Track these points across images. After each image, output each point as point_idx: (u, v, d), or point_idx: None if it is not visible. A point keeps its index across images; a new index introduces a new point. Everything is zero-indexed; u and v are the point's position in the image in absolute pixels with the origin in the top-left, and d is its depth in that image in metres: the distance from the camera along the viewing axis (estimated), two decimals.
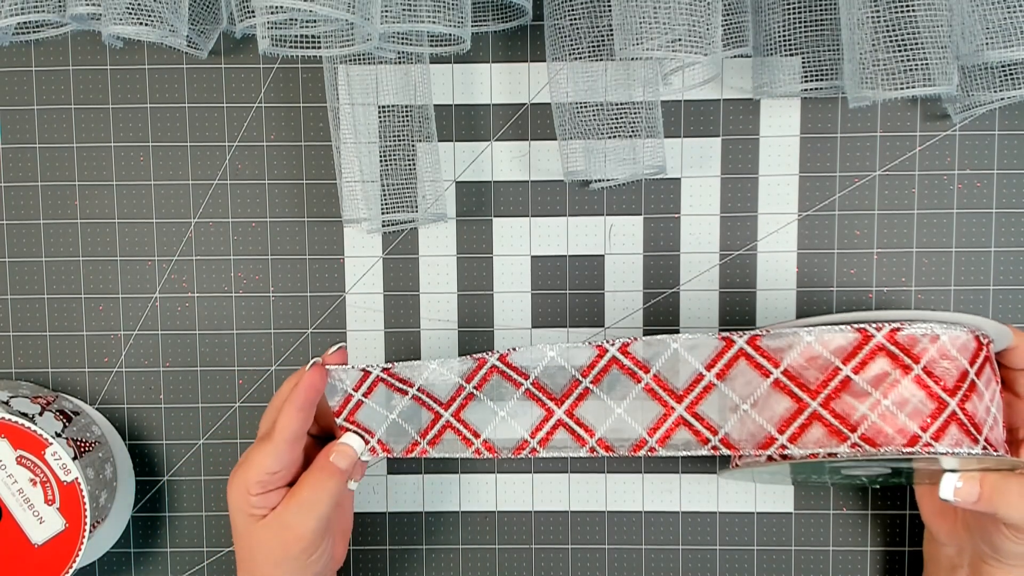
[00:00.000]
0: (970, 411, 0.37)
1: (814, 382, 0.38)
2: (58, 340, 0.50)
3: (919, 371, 0.37)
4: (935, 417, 0.36)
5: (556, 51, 0.46)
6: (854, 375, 0.37)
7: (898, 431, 0.36)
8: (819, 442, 0.37)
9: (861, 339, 0.37)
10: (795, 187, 0.49)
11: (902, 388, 0.36)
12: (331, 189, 0.50)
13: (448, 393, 0.43)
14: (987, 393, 0.38)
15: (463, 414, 0.43)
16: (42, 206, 0.50)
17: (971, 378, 0.37)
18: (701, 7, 0.40)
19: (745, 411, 0.39)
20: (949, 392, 0.37)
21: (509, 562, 0.51)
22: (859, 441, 0.37)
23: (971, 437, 0.36)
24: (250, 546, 0.41)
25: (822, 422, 0.37)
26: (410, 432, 0.44)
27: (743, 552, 0.50)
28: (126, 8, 0.41)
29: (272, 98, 0.49)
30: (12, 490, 0.44)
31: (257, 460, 0.40)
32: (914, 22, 0.40)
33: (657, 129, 0.46)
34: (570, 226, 0.50)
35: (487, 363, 0.43)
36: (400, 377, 0.43)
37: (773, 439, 0.38)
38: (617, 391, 0.42)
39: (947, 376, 0.37)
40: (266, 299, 0.50)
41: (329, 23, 0.43)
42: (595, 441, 0.42)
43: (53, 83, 0.49)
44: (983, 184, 0.49)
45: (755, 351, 0.39)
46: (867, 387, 0.37)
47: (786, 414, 0.38)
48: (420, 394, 0.43)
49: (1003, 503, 0.37)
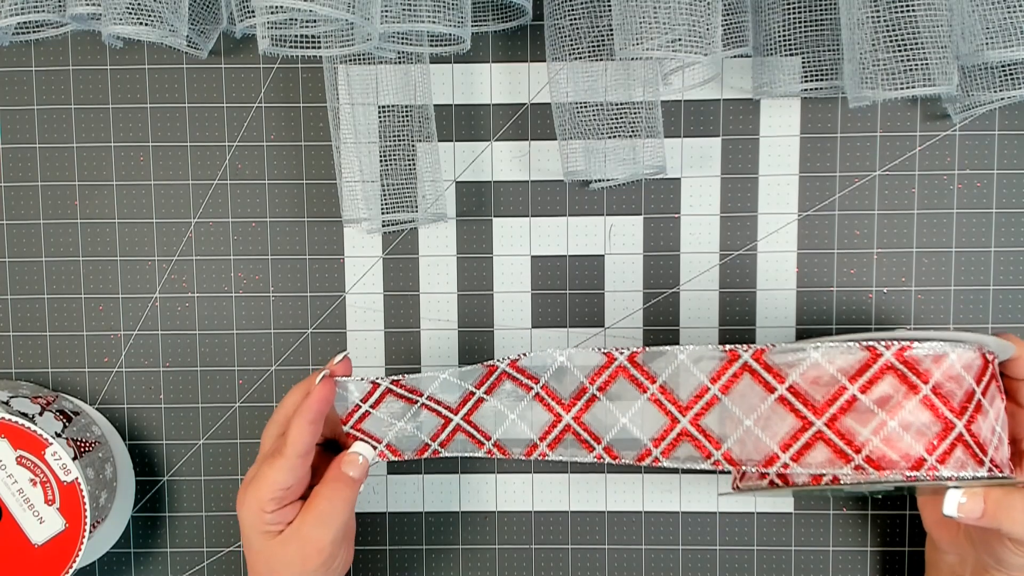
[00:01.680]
0: (975, 431, 0.36)
1: (820, 400, 0.37)
2: (58, 340, 0.50)
3: (927, 391, 0.36)
4: (941, 439, 0.35)
5: (556, 51, 0.46)
6: (861, 394, 0.36)
7: (903, 455, 0.35)
8: (823, 463, 0.36)
9: (870, 357, 0.36)
10: (795, 187, 0.49)
11: (908, 409, 0.36)
12: (331, 189, 0.50)
13: (457, 399, 0.43)
14: (992, 411, 0.37)
15: (473, 417, 0.44)
16: (42, 206, 0.50)
17: (977, 398, 0.36)
18: (701, 7, 0.40)
19: (748, 427, 0.38)
20: (956, 413, 0.36)
21: (509, 562, 0.51)
22: (863, 463, 0.36)
23: (976, 459, 0.36)
24: (268, 562, 0.41)
25: (826, 442, 0.36)
26: (420, 436, 0.44)
27: (743, 552, 0.50)
28: (126, 8, 0.41)
29: (272, 98, 0.49)
30: (12, 490, 0.44)
31: (270, 477, 0.40)
32: (914, 22, 0.40)
33: (657, 129, 0.46)
34: (570, 226, 0.50)
35: (497, 369, 0.43)
36: (408, 387, 0.43)
37: (776, 457, 0.37)
38: (623, 400, 0.42)
39: (954, 396, 0.36)
40: (266, 299, 0.50)
41: (329, 23, 0.43)
42: (601, 448, 0.42)
43: (53, 83, 0.49)
44: (983, 184, 0.49)
45: (760, 366, 0.38)
46: (873, 407, 0.36)
47: (790, 432, 0.37)
48: (429, 402, 0.44)
49: (1007, 519, 0.37)
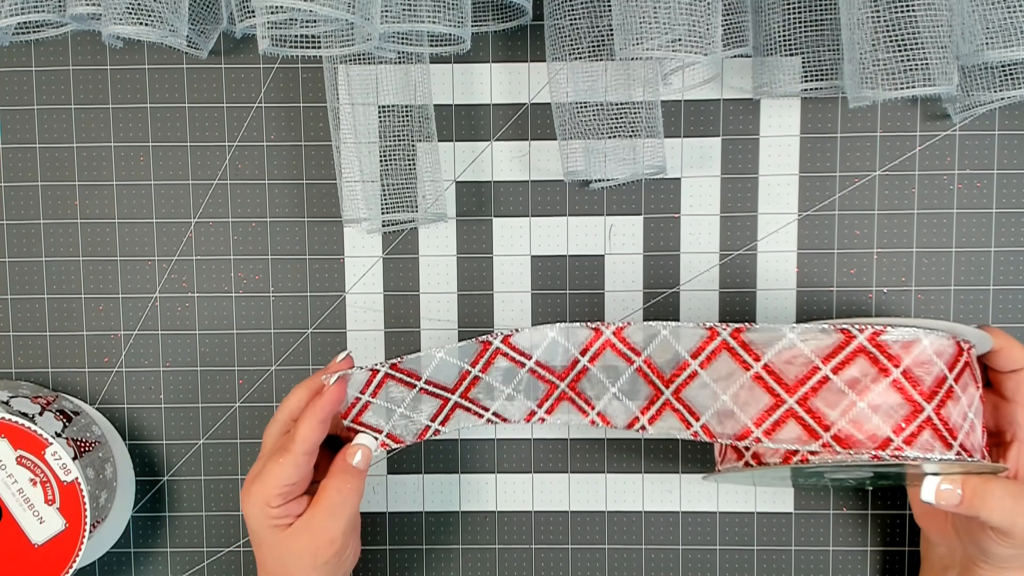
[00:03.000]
0: (945, 416, 0.37)
1: (793, 379, 0.38)
2: (58, 340, 0.50)
3: (897, 374, 0.37)
4: (909, 421, 0.36)
5: (556, 51, 0.46)
6: (833, 375, 0.37)
7: (870, 435, 0.37)
8: (793, 440, 0.38)
9: (843, 340, 0.38)
10: (795, 187, 0.49)
11: (878, 391, 0.37)
12: (331, 189, 0.50)
13: (454, 379, 0.44)
14: (964, 398, 0.38)
15: (471, 394, 0.45)
16: (42, 206, 0.50)
17: (949, 383, 0.37)
18: (701, 7, 0.40)
19: (724, 402, 0.40)
20: (926, 396, 0.37)
21: (509, 562, 0.51)
22: (831, 441, 0.37)
23: (944, 442, 0.37)
24: (280, 557, 0.41)
25: (797, 419, 0.38)
26: (420, 420, 0.45)
27: (743, 552, 0.50)
28: (126, 8, 0.41)
29: (272, 98, 0.49)
30: (12, 490, 0.44)
31: (276, 472, 0.40)
32: (914, 22, 0.40)
33: (657, 129, 0.46)
34: (570, 226, 0.50)
35: (492, 346, 0.44)
36: (407, 371, 0.44)
37: (749, 431, 0.39)
38: (612, 371, 0.43)
39: (923, 381, 0.37)
40: (266, 299, 0.50)
41: (329, 23, 0.43)
42: (595, 414, 0.44)
43: (53, 83, 0.49)
44: (983, 184, 0.49)
45: (738, 344, 0.40)
46: (844, 388, 0.37)
47: (763, 408, 0.39)
48: (427, 386, 0.44)
49: (984, 507, 0.37)
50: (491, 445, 0.51)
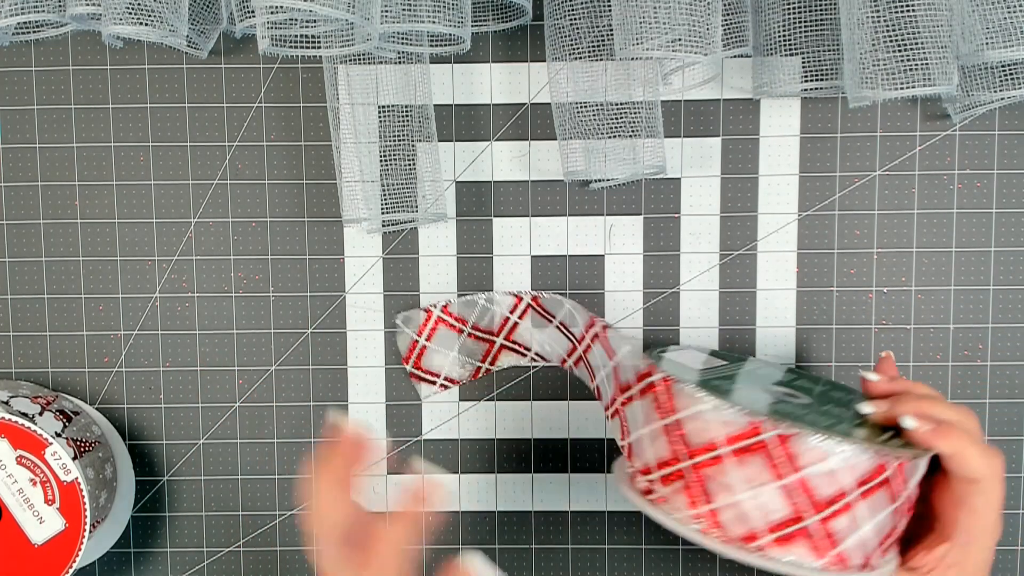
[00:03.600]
0: (832, 528, 0.35)
1: (695, 444, 0.37)
2: (58, 340, 0.50)
3: (791, 480, 0.35)
4: (783, 527, 0.35)
5: (556, 51, 0.46)
6: (732, 457, 0.36)
7: (742, 523, 0.36)
8: (679, 500, 0.37)
9: (751, 430, 0.36)
10: (795, 187, 0.49)
11: (766, 491, 0.35)
12: (331, 189, 0.50)
13: (497, 324, 0.49)
14: (866, 514, 0.36)
15: (513, 337, 0.49)
16: (42, 206, 0.50)
17: (848, 500, 0.35)
18: (701, 7, 0.40)
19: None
20: (815, 506, 0.35)
21: (509, 562, 0.51)
22: (705, 515, 0.36)
23: (817, 552, 0.36)
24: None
25: (687, 484, 0.37)
26: (472, 361, 0.50)
27: None
28: (126, 8, 0.41)
29: (272, 98, 0.49)
30: (12, 490, 0.44)
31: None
32: (914, 22, 0.40)
33: (657, 129, 0.46)
34: (570, 226, 0.50)
35: (523, 301, 0.49)
36: (456, 316, 0.49)
37: (649, 470, 0.38)
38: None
39: (818, 491, 0.35)
40: (266, 299, 0.50)
41: (329, 23, 0.43)
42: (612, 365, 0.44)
43: (53, 83, 0.49)
44: (983, 184, 0.49)
45: (663, 389, 0.38)
46: (735, 476, 0.36)
47: (664, 457, 0.38)
48: (474, 331, 0.49)
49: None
50: (491, 445, 0.51)
